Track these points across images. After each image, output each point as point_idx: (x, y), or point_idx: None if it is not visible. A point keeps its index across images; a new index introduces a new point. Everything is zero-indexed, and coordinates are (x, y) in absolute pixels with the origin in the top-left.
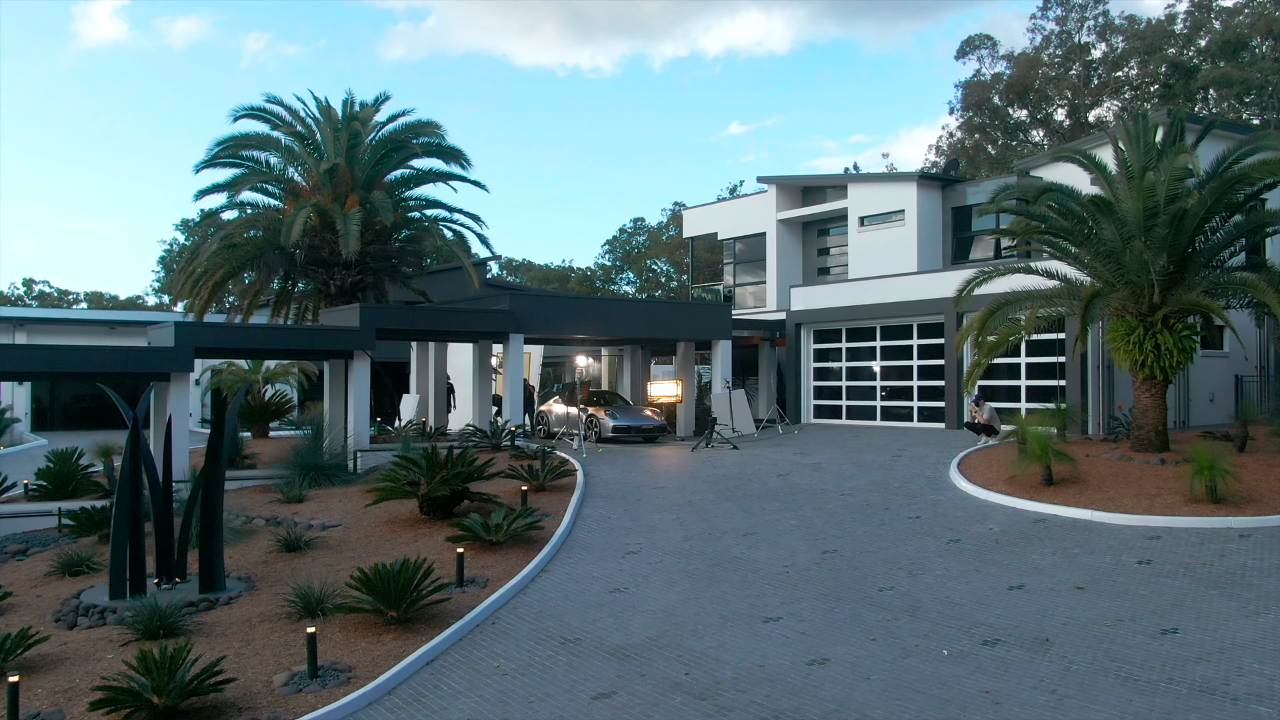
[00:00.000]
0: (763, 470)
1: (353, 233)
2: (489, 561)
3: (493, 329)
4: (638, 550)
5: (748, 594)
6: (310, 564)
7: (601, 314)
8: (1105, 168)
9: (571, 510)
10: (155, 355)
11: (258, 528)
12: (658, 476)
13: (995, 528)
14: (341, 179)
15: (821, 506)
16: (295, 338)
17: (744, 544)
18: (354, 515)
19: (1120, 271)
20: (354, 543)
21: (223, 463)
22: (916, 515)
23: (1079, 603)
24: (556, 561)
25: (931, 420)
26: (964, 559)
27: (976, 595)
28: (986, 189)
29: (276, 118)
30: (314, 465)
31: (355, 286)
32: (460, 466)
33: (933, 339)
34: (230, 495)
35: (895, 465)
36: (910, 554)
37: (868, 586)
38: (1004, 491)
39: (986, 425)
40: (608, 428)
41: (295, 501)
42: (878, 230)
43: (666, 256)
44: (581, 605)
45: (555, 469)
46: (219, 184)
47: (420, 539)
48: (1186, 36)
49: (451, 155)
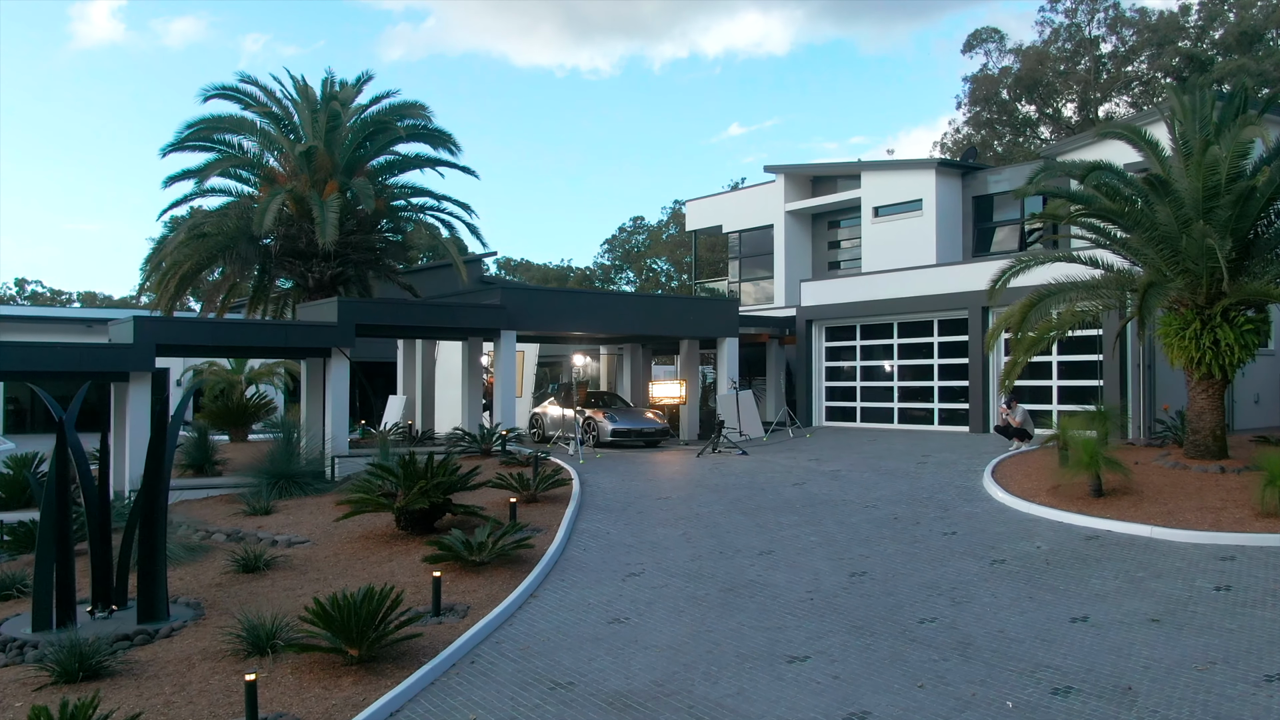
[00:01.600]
0: (776, 478)
1: (330, 220)
2: (471, 585)
3: (482, 325)
4: (640, 572)
5: (767, 626)
6: (269, 588)
7: (599, 309)
8: (1157, 145)
9: (566, 524)
10: (111, 353)
11: (216, 544)
12: (661, 485)
13: (1043, 546)
14: (320, 164)
15: (844, 520)
16: (267, 334)
17: (760, 564)
18: (324, 530)
19: (1175, 259)
20: (321, 562)
21: (165, 476)
22: (952, 530)
23: (1158, 639)
24: (548, 585)
25: (954, 423)
26: (1013, 583)
27: (1035, 629)
28: (1010, 176)
29: (250, 98)
30: (285, 473)
31: (336, 280)
32: (441, 476)
33: (955, 336)
34: (194, 505)
35: (921, 473)
36: (950, 577)
37: (906, 617)
38: (1048, 504)
39: (1019, 429)
40: (606, 431)
41: (261, 514)
42: (893, 221)
43: (667, 255)
44: (575, 639)
45: (548, 477)
46: (189, 170)
47: (395, 557)
48: (1201, 28)
49: (439, 139)
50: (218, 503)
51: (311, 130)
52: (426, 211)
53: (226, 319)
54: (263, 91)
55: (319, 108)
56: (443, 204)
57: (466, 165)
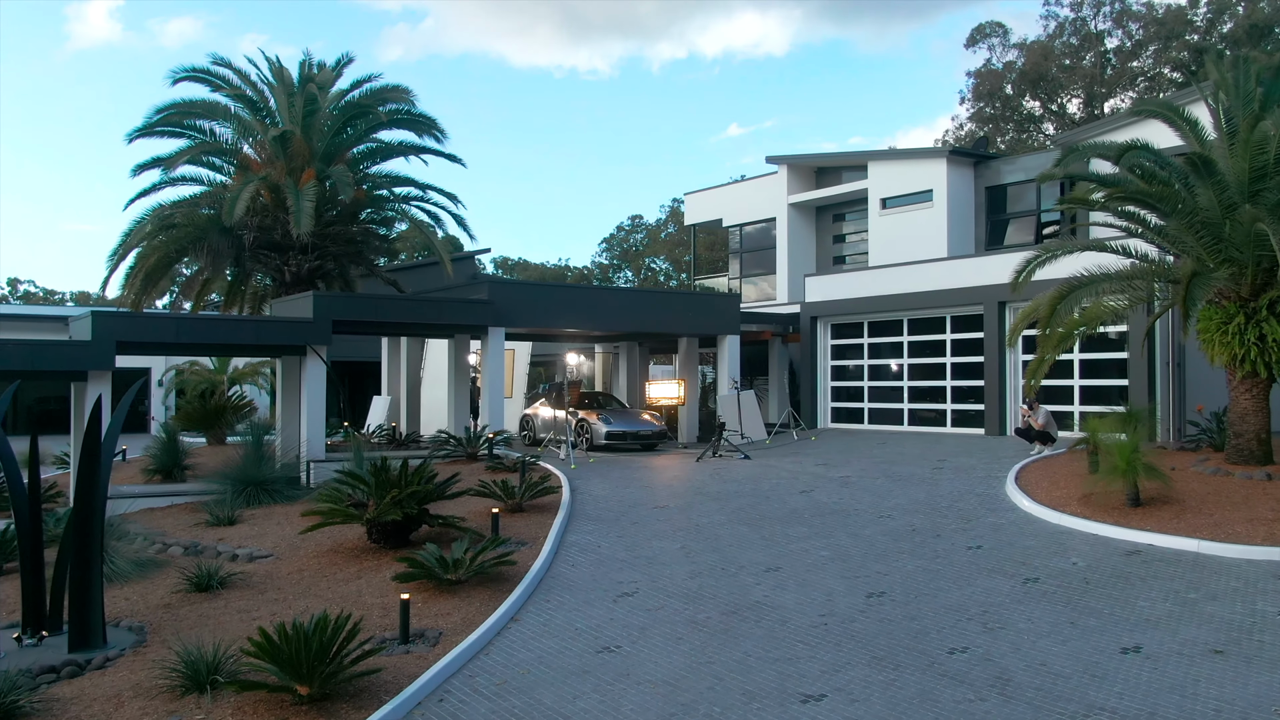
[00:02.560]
0: (781, 486)
1: (305, 210)
2: (445, 607)
3: (469, 322)
4: (633, 591)
5: (777, 656)
6: (221, 610)
7: (593, 305)
8: (1197, 123)
9: (553, 537)
10: (68, 350)
11: (172, 558)
12: (658, 493)
13: (1080, 562)
14: (296, 150)
15: (858, 533)
16: (237, 331)
17: (767, 583)
18: (289, 543)
19: (1218, 246)
20: (283, 580)
21: (100, 488)
22: (977, 544)
23: (1224, 675)
24: (531, 607)
25: (968, 425)
26: (1050, 606)
27: (1082, 661)
28: (1025, 166)
29: (222, 81)
30: (254, 479)
31: (314, 274)
32: (416, 484)
33: (970, 333)
34: (155, 515)
35: (938, 479)
36: (979, 598)
37: (933, 646)
38: (1080, 514)
39: (1041, 432)
40: (600, 434)
41: (225, 524)
42: (902, 213)
43: (666, 254)
44: (559, 672)
45: (535, 485)
46: (160, 157)
47: (365, 574)
48: (1210, 21)
49: (423, 125)
50: (181, 511)
51: (288, 115)
52: (411, 202)
53: (191, 314)
54: (236, 74)
55: (295, 91)
56: (428, 194)
57: (452, 153)
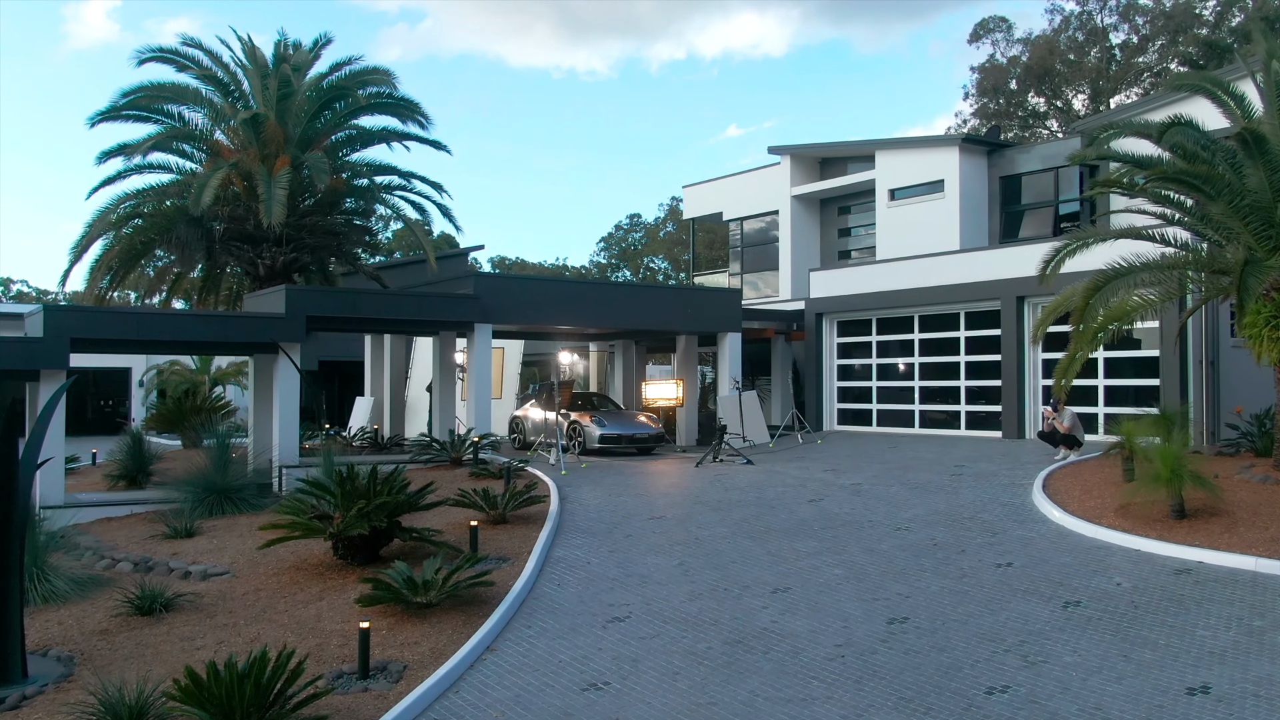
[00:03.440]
0: (788, 494)
1: (277, 197)
2: (413, 634)
3: (454, 318)
4: (626, 616)
5: (789, 697)
6: (164, 636)
7: (586, 300)
8: (1244, 99)
9: (538, 553)
10: (16, 348)
11: (119, 575)
12: (654, 501)
13: (1124, 582)
14: (270, 136)
15: (873, 547)
16: (203, 327)
17: (774, 606)
18: (249, 558)
19: (1268, 233)
20: (236, 601)
21: (18, 507)
22: (1006, 561)
23: None
24: (510, 634)
25: (983, 427)
26: (1097, 635)
27: (1143, 704)
28: (1042, 154)
29: (192, 62)
30: (218, 487)
31: (290, 268)
32: (386, 495)
33: (986, 330)
34: (111, 525)
35: (958, 487)
36: (1015, 625)
37: (968, 684)
38: (1118, 526)
39: (1067, 435)
40: (593, 437)
41: (183, 536)
42: (912, 205)
43: (664, 253)
44: (537, 714)
45: (520, 494)
46: (127, 144)
47: (328, 594)
48: (1220, 13)
49: (406, 110)
50: (139, 521)
51: (261, 98)
52: (394, 191)
53: (152, 309)
54: (207, 55)
55: (270, 73)
56: (411, 182)
57: (437, 139)
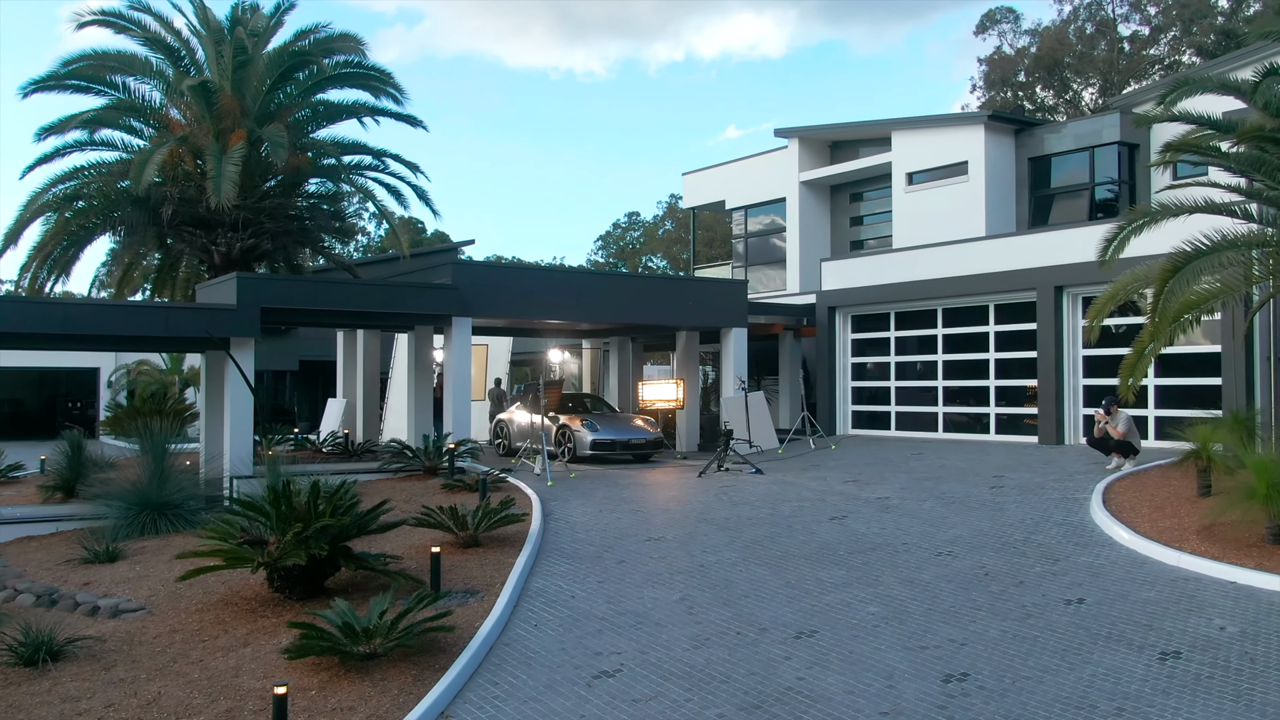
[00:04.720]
0: (805, 510)
1: (228, 174)
2: (351, 695)
3: (430, 311)
4: (616, 669)
5: None
6: (45, 696)
7: (578, 291)
8: None
9: (513, 583)
10: None
11: (18, 610)
12: (652, 519)
13: (1227, 626)
14: (225, 108)
15: (913, 578)
16: (143, 319)
17: (799, 656)
18: (170, 591)
19: None
20: (145, 647)
21: None
22: (1076, 596)
23: None
24: (471, 693)
25: (1017, 432)
26: (1212, 700)
27: None
28: (1076, 132)
29: (139, 27)
30: (153, 502)
31: (249, 255)
32: (329, 516)
33: (1019, 324)
34: (30, 545)
35: (1002, 502)
36: (1104, 685)
37: None
38: (1204, 553)
39: (1122, 441)
40: (585, 443)
41: (104, 560)
42: (932, 189)
43: (663, 252)
44: None
45: (495, 512)
46: (67, 119)
47: (256, 637)
48: (1236, 1)
49: (378, 82)
50: (62, 541)
51: (215, 67)
52: (365, 172)
53: (84, 300)
54: (156, 20)
55: (224, 40)
56: (384, 162)
57: (412, 114)
